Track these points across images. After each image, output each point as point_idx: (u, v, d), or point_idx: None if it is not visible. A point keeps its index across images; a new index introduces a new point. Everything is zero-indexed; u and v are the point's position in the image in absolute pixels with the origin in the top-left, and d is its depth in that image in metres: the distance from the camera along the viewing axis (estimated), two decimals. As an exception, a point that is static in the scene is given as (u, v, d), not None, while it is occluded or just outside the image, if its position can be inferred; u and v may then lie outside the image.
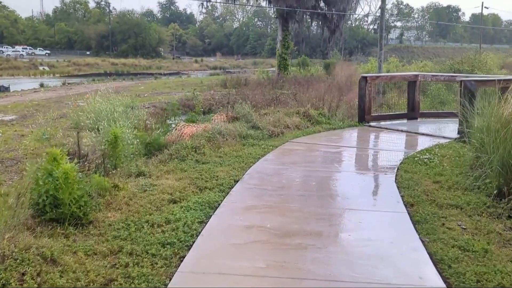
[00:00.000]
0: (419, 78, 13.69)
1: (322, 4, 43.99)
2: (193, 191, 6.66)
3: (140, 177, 7.32)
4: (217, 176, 7.38)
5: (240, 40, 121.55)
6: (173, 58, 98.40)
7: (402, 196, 6.61)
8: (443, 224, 5.62)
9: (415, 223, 5.64)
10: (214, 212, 5.90)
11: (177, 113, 24.51)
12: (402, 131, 12.25)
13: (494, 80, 11.63)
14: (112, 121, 12.84)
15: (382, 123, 13.35)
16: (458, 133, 10.76)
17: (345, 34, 76.20)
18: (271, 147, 9.76)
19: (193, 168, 7.93)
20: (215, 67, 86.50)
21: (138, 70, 75.65)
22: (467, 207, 6.23)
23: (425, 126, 13.12)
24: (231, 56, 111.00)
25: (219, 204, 6.16)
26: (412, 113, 13.86)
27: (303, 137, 11.05)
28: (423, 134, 11.80)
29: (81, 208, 5.31)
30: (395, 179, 7.51)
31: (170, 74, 71.63)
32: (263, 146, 9.81)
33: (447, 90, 16.26)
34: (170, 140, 9.52)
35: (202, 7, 46.08)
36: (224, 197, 6.44)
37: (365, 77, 13.00)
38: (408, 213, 5.94)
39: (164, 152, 8.82)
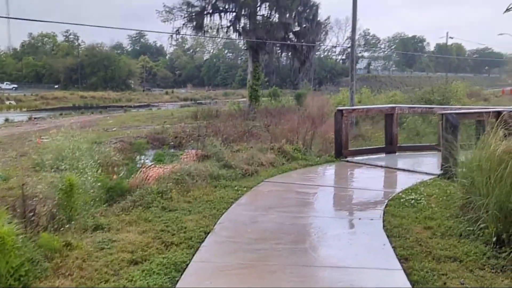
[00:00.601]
0: (396, 110, 13.21)
1: (291, 36, 44.01)
2: (157, 248, 5.81)
3: (98, 230, 6.45)
4: (185, 228, 6.56)
5: (210, 72, 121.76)
6: (143, 90, 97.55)
7: (394, 248, 5.89)
8: (445, 283, 4.92)
9: (413, 283, 4.92)
10: (181, 275, 5.07)
11: (145, 148, 23.67)
12: (382, 166, 11.67)
13: (476, 113, 11.22)
14: (76, 160, 11.96)
15: (360, 158, 12.77)
16: (442, 169, 10.21)
17: (314, 64, 76.76)
18: (245, 188, 9.01)
19: (159, 217, 7.10)
20: (186, 98, 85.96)
21: (108, 103, 74.52)
22: (467, 259, 5.56)
23: (404, 160, 12.59)
24: (202, 87, 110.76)
25: (187, 265, 5.32)
26: (390, 146, 13.33)
27: (278, 176, 10.34)
28: (404, 170, 11.22)
29: (21, 279, 4.45)
30: (383, 225, 6.81)
31: (140, 106, 70.74)
32: (236, 187, 9.05)
33: (424, 122, 15.85)
34: (134, 184, 8.67)
35: (171, 40, 45.92)
36: (193, 255, 5.61)
37: (341, 110, 12.45)
38: (404, 271, 5.21)
39: (127, 199, 7.96)
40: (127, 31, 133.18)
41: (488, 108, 12.22)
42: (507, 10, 8.35)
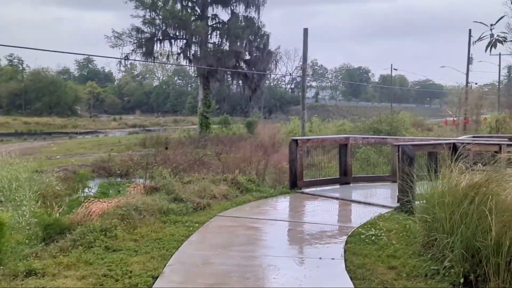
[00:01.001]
0: (350, 140, 13.02)
1: (242, 64, 44.04)
2: (98, 298, 5.16)
3: (31, 276, 5.72)
4: (130, 272, 5.92)
5: (160, 98, 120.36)
6: (90, 117, 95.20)
7: (359, 293, 5.47)
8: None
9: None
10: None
11: (90, 177, 22.63)
12: (337, 198, 11.35)
13: (431, 144, 11.12)
14: (12, 192, 11.07)
15: (315, 189, 12.42)
16: (399, 201, 9.97)
17: (265, 93, 77.28)
18: (196, 224, 8.43)
19: (102, 259, 6.42)
20: (134, 125, 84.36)
21: (53, 129, 72.11)
22: (436, 304, 5.20)
23: (359, 192, 12.34)
24: (151, 114, 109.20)
25: (132, 320, 4.71)
26: (345, 177, 13.08)
27: (232, 209, 9.82)
28: (360, 202, 10.92)
29: None
30: (345, 265, 6.39)
31: (86, 133, 68.81)
32: (187, 223, 8.46)
33: (376, 153, 15.77)
34: (75, 220, 7.95)
35: (120, 65, 44.90)
36: (139, 307, 5.00)
37: (296, 140, 12.13)
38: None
39: (66, 237, 7.23)
40: (74, 56, 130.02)
41: (440, 140, 12.20)
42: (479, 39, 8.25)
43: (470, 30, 61.92)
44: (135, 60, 42.07)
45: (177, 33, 42.18)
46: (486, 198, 6.05)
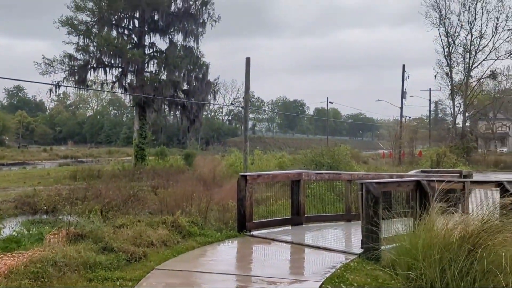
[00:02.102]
0: (303, 176, 11.88)
1: (181, 94, 42.73)
2: None
3: None
4: None
5: (94, 129, 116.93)
6: (19, 147, 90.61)
7: None
8: None
9: None
10: None
11: (12, 215, 20.45)
12: (292, 243, 10.07)
13: (396, 182, 10.15)
14: None
15: (266, 231, 11.13)
16: (363, 247, 8.86)
17: (203, 124, 76.07)
18: (130, 283, 6.90)
19: None
20: (66, 156, 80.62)
21: (-24, 161, 67.52)
22: None
23: (315, 234, 11.16)
24: (84, 145, 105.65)
25: None
26: (298, 217, 11.88)
27: (173, 260, 8.31)
28: (319, 248, 9.66)
29: None
30: None
31: (13, 164, 64.71)
32: (118, 282, 6.90)
33: (327, 189, 14.74)
34: (-26, 281, 6.26)
35: (51, 94, 42.42)
36: None
37: (245, 177, 10.84)
38: None
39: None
40: (3, 84, 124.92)
41: (405, 177, 11.31)
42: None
43: (403, 66, 63.69)
44: (67, 86, 39.65)
45: (112, 61, 40.39)
46: (489, 253, 4.99)
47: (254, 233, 10.80)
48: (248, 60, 24.43)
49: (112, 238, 8.52)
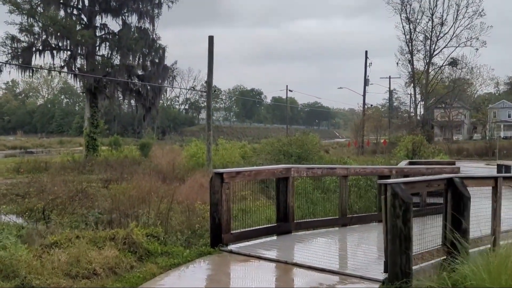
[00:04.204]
0: (292, 173, 9.47)
1: (135, 80, 39.56)
2: None
3: None
4: None
5: (44, 118, 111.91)
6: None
7: None
8: None
9: None
10: None
11: None
12: (286, 263, 7.66)
13: (426, 181, 7.83)
14: None
15: (246, 243, 8.75)
16: (387, 270, 6.55)
17: (159, 112, 73.01)
18: None
19: None
20: (14, 146, 75.88)
21: None
22: None
23: (309, 247, 8.84)
24: (34, 135, 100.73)
25: None
26: (285, 224, 9.50)
27: (124, 298, 5.82)
28: (323, 270, 7.27)
29: None
30: None
31: (-43, 155, 60.02)
32: None
33: (313, 185, 12.37)
34: None
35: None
36: None
37: (221, 175, 8.35)
38: None
39: None
40: None
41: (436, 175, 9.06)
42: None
43: (366, 52, 62.34)
44: (8, 64, 35.75)
45: (60, 44, 36.83)
46: None
47: (233, 247, 8.38)
48: (211, 38, 21.91)
49: (35, 269, 5.88)
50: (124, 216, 12.13)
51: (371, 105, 68.59)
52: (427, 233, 7.28)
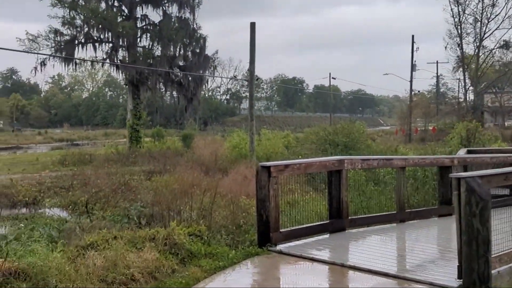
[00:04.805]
0: (345, 165, 8.68)
1: (177, 70, 39.28)
2: None
3: None
4: None
5: (90, 111, 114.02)
6: (13, 131, 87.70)
7: None
8: None
9: None
10: None
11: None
12: (342, 265, 6.90)
13: (503, 174, 6.90)
14: None
15: (297, 242, 8.04)
16: (462, 275, 5.71)
17: (201, 103, 72.94)
18: None
19: None
20: (61, 139, 77.62)
21: (-31, 145, 64.46)
22: None
23: (366, 246, 8.04)
24: (80, 127, 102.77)
25: None
26: (338, 221, 8.73)
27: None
28: (386, 275, 6.44)
29: None
30: None
31: (6, 149, 61.65)
32: None
33: (368, 179, 11.50)
34: None
35: (35, 72, 38.33)
36: None
37: (267, 168, 7.63)
38: None
39: None
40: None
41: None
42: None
43: (413, 36, 60.32)
44: (51, 56, 35.97)
45: (102, 36, 36.87)
46: None
47: (282, 247, 7.66)
48: (253, 25, 21.14)
49: (67, 275, 5.33)
50: (167, 209, 11.67)
51: (418, 91, 66.40)
52: (499, 230, 6.37)
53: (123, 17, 37.65)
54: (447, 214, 10.87)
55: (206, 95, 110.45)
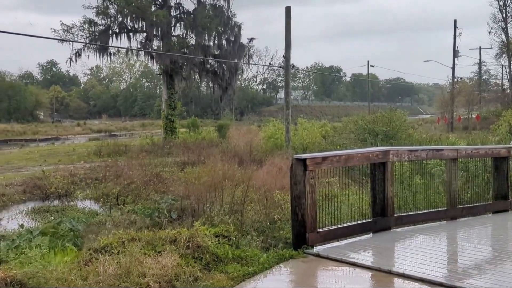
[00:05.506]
0: (390, 157, 7.75)
1: (211, 60, 38.63)
2: None
3: None
4: None
5: (127, 102, 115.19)
6: (53, 122, 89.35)
7: None
8: None
9: None
10: None
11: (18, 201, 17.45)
12: (389, 272, 6.00)
13: None
14: None
15: (337, 244, 7.17)
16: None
17: (236, 92, 72.35)
18: None
19: None
20: (99, 130, 78.74)
21: (10, 137, 65.83)
22: None
23: (416, 248, 7.12)
24: (118, 118, 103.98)
25: None
26: (383, 219, 7.83)
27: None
28: (438, 284, 5.55)
29: None
30: None
31: (47, 139, 62.77)
32: None
33: (414, 171, 10.49)
34: None
35: (71, 63, 38.32)
36: None
37: (303, 160, 6.78)
38: None
39: None
40: (37, 59, 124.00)
41: None
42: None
43: (455, 21, 57.98)
44: (86, 45, 35.87)
45: (136, 25, 36.52)
46: None
47: (320, 249, 6.81)
48: (288, 10, 20.25)
49: (71, 285, 4.63)
50: (197, 203, 11.06)
51: (461, 78, 63.97)
52: None
53: (157, 5, 37.22)
54: (503, 210, 9.86)
55: (243, 85, 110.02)
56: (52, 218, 13.96)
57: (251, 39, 40.35)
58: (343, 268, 6.24)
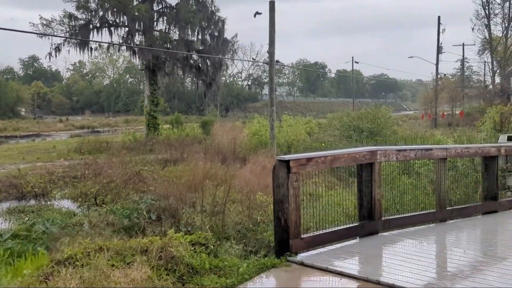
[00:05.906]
0: (378, 157, 7.33)
1: (195, 55, 38.01)
2: None
3: None
4: None
5: (111, 98, 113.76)
6: (34, 118, 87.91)
7: None
8: None
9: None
10: None
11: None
12: (377, 283, 5.56)
13: None
14: None
15: (321, 250, 6.72)
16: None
17: (221, 88, 71.71)
18: None
19: None
20: (82, 126, 77.55)
21: (-11, 133, 64.32)
22: None
23: (406, 254, 6.64)
24: (101, 114, 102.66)
25: None
26: (370, 223, 7.39)
27: None
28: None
29: None
30: None
31: (28, 136, 61.40)
32: None
33: (400, 170, 10.10)
34: None
35: (50, 58, 37.52)
36: None
37: (286, 162, 6.31)
38: None
39: None
40: (18, 54, 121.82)
41: None
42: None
43: (439, 17, 58.04)
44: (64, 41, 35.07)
45: (117, 20, 35.75)
46: None
47: (304, 257, 6.35)
48: (272, 4, 19.71)
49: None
50: (177, 204, 10.63)
51: (444, 75, 64.10)
52: None
53: (139, 0, 36.51)
54: (493, 211, 9.53)
55: (228, 81, 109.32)
56: (27, 219, 13.38)
57: (235, 35, 39.91)
58: (328, 278, 5.80)
